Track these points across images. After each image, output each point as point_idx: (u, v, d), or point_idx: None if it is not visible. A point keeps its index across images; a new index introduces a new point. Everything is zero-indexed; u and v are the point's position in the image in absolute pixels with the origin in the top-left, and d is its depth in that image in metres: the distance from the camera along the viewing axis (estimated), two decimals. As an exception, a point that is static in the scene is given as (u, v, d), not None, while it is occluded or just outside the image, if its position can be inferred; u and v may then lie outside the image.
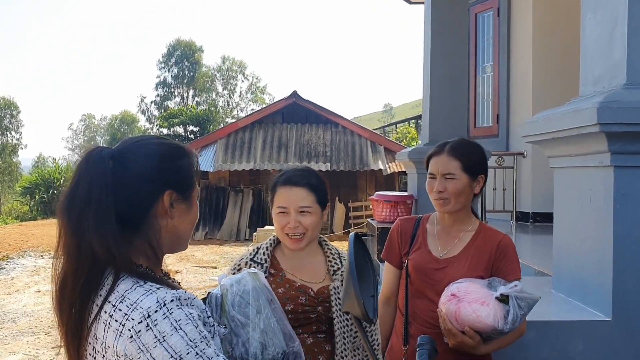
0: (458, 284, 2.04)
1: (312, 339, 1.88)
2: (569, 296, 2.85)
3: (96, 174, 1.25)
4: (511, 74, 7.78)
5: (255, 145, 18.38)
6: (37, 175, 28.05)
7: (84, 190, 1.24)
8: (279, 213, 1.95)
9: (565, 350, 2.55)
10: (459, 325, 1.98)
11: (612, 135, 2.43)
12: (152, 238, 1.30)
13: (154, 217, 1.30)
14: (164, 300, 1.18)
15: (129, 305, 1.18)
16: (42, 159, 54.30)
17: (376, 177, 18.21)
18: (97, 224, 1.21)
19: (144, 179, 1.29)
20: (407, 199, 6.33)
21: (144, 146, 1.35)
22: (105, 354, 1.20)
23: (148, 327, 1.15)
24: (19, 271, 11.35)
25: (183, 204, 1.35)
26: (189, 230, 1.39)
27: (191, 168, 1.39)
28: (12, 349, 6.40)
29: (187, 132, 35.66)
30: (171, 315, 1.17)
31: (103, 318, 1.20)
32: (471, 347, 1.99)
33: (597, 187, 2.61)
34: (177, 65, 47.03)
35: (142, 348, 1.15)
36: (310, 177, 1.98)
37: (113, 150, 1.33)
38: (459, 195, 2.19)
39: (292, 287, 1.92)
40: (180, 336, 1.16)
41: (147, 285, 1.23)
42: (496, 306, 1.93)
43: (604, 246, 2.53)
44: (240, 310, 1.37)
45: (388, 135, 27.53)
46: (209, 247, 15.10)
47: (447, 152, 2.22)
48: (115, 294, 1.21)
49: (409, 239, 2.34)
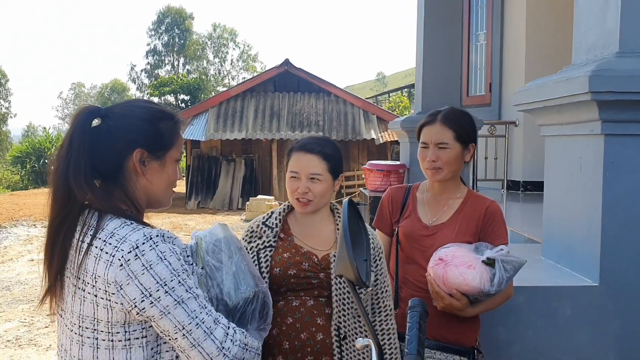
0: (445, 249, 2.08)
1: (313, 302, 1.93)
2: (558, 262, 2.91)
3: (78, 128, 1.39)
4: (504, 42, 7.74)
5: (247, 114, 18.28)
6: (27, 145, 27.87)
7: (66, 144, 1.38)
8: (291, 178, 1.99)
9: (554, 314, 2.61)
10: (447, 288, 2.03)
11: (603, 103, 2.44)
12: (128, 190, 1.43)
13: (127, 171, 1.43)
14: (150, 235, 1.32)
15: (119, 239, 1.31)
16: (32, 128, 53.87)
17: (368, 147, 18.23)
18: (75, 173, 1.36)
19: (118, 137, 1.42)
20: (399, 168, 6.35)
21: (129, 107, 1.49)
22: (95, 283, 1.31)
23: (136, 256, 1.29)
24: (12, 240, 11.36)
25: (155, 163, 1.45)
26: (164, 187, 1.50)
27: (170, 130, 1.49)
28: (8, 316, 6.46)
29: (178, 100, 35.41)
30: (157, 247, 1.31)
31: (93, 253, 1.32)
32: (459, 309, 2.05)
33: (587, 156, 2.64)
34: (168, 32, 46.42)
35: (131, 275, 1.28)
36: (325, 146, 2.01)
37: (101, 109, 1.45)
38: (452, 164, 2.22)
39: (298, 252, 1.97)
40: (165, 265, 1.30)
41: (134, 224, 1.36)
42: (482, 269, 1.98)
43: (593, 213, 2.57)
44: (214, 256, 1.50)
45: (381, 104, 27.43)
46: (201, 217, 15.14)
47: (440, 121, 2.23)
48: (104, 231, 1.34)
49: (400, 207, 2.38)
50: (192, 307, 1.32)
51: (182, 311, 1.30)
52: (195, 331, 1.31)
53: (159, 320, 1.30)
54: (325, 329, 1.90)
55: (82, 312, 1.34)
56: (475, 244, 2.11)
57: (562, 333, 2.60)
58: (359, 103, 18.85)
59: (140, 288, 1.28)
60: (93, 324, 1.33)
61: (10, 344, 5.57)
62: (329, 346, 1.89)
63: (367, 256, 1.01)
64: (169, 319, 1.30)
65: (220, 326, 1.35)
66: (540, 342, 2.61)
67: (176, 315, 1.30)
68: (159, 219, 13.36)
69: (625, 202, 2.51)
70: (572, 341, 2.60)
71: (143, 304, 1.28)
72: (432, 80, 6.18)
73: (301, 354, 1.88)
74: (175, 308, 1.30)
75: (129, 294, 1.28)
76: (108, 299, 1.30)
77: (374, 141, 17.78)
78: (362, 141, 17.97)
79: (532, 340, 2.61)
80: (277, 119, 18.23)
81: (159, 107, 1.53)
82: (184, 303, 1.31)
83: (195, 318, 1.31)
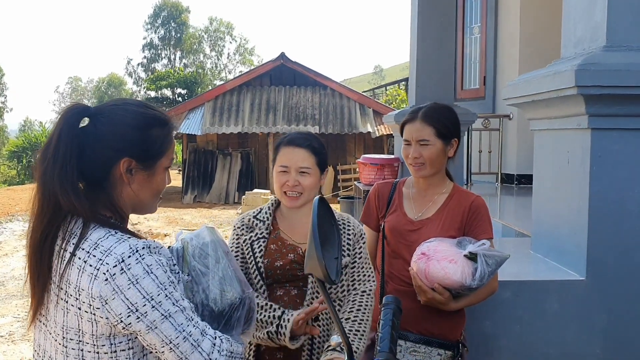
0: (428, 243, 2.09)
1: (297, 291, 2.01)
2: (546, 256, 2.91)
3: (65, 131, 1.33)
4: (498, 35, 7.72)
5: (243, 108, 18.24)
6: (24, 139, 27.80)
7: (52, 145, 1.32)
8: (280, 172, 2.03)
9: (541, 308, 2.61)
10: (429, 282, 2.04)
11: (589, 97, 2.44)
12: (113, 197, 1.38)
13: (113, 178, 1.38)
14: (136, 247, 1.28)
15: (103, 251, 1.27)
16: (28, 123, 53.73)
17: (365, 140, 18.21)
18: (61, 178, 1.30)
19: (105, 144, 1.36)
20: (394, 162, 6.34)
21: (119, 111, 1.40)
22: (79, 296, 1.27)
23: (122, 270, 1.25)
24: (7, 235, 11.35)
25: (143, 172, 1.40)
26: (150, 197, 1.45)
27: (161, 138, 1.42)
28: (1, 311, 6.46)
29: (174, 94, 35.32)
30: (143, 260, 1.27)
31: (77, 264, 1.28)
32: (441, 303, 2.06)
33: (574, 149, 2.63)
34: (164, 26, 46.30)
35: (117, 289, 1.24)
36: (313, 140, 2.06)
37: (90, 109, 1.39)
38: (434, 160, 2.23)
39: (284, 245, 2.03)
40: (151, 279, 1.26)
41: (119, 234, 1.31)
42: (464, 263, 1.99)
43: (580, 207, 2.57)
44: (200, 261, 1.47)
45: (378, 97, 27.38)
46: (197, 211, 15.14)
47: (420, 118, 2.24)
48: (88, 242, 1.29)
49: (386, 203, 2.39)
50: (179, 320, 1.29)
51: (169, 325, 1.28)
52: (182, 344, 1.29)
53: (146, 334, 1.28)
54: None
55: (66, 323, 1.31)
56: (458, 239, 2.12)
57: (549, 327, 2.61)
58: (355, 96, 18.82)
59: (126, 303, 1.25)
60: (78, 335, 1.30)
61: (4, 339, 5.58)
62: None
63: (338, 254, 1.01)
64: (156, 334, 1.27)
65: (207, 337, 1.33)
66: (527, 336, 2.61)
67: (163, 330, 1.28)
68: (155, 214, 13.34)
69: (612, 195, 2.51)
70: (559, 335, 2.61)
71: (129, 319, 1.25)
72: (426, 73, 6.14)
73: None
74: (162, 322, 1.27)
75: (114, 309, 1.25)
76: (93, 312, 1.27)
77: (370, 134, 17.77)
78: (358, 134, 17.95)
79: (518, 334, 2.61)
80: (274, 112, 18.20)
81: (152, 112, 1.44)
82: (171, 317, 1.29)
83: (182, 332, 1.29)
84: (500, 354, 2.63)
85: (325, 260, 0.95)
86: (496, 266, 2.03)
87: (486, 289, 2.13)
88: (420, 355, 2.15)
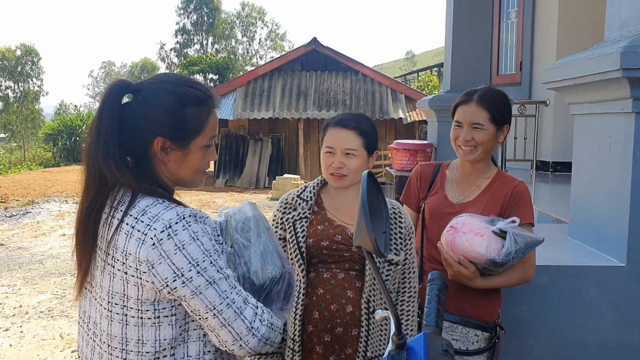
0: (458, 218, 2.08)
1: (344, 274, 1.96)
2: (584, 242, 2.87)
3: (108, 107, 1.37)
4: (536, 20, 7.57)
5: (275, 93, 18.29)
6: (59, 122, 28.37)
7: (96, 121, 1.38)
8: (326, 153, 2.00)
9: (578, 294, 2.58)
10: (455, 254, 2.04)
11: (635, 81, 2.38)
12: (154, 173, 1.42)
13: (151, 156, 1.41)
14: (183, 214, 1.31)
15: (151, 217, 1.31)
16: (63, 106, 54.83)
17: (396, 126, 18.11)
18: (103, 151, 1.35)
19: (141, 123, 1.39)
20: (427, 147, 6.30)
21: (155, 90, 1.42)
22: (126, 261, 1.31)
23: (169, 236, 1.28)
24: (45, 215, 11.64)
25: (178, 151, 1.42)
26: (189, 174, 1.47)
27: (197, 118, 1.42)
28: (41, 288, 6.65)
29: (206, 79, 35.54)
30: (189, 227, 1.30)
31: (124, 229, 1.32)
32: (467, 278, 2.05)
33: (617, 134, 2.58)
34: (196, 11, 46.52)
35: (163, 254, 1.28)
36: (362, 122, 2.01)
37: (132, 85, 1.42)
38: (485, 145, 2.21)
39: (331, 225, 2.00)
40: (197, 245, 1.30)
41: (166, 202, 1.35)
42: (491, 238, 1.97)
43: (622, 193, 2.53)
44: (242, 235, 1.49)
45: (410, 83, 27.17)
46: (229, 194, 15.29)
47: (475, 101, 2.21)
48: (136, 208, 1.33)
49: (428, 184, 2.38)
50: (223, 287, 1.32)
51: (213, 291, 1.31)
52: (225, 311, 1.32)
53: (190, 300, 1.31)
54: (355, 301, 1.93)
55: (112, 288, 1.34)
56: (491, 217, 2.10)
57: (586, 313, 2.58)
58: (387, 82, 18.70)
59: (172, 268, 1.28)
60: (122, 300, 1.33)
61: (44, 315, 5.75)
62: (358, 319, 1.92)
63: (386, 228, 1.02)
64: (200, 299, 1.30)
65: (250, 306, 1.36)
66: (563, 322, 2.59)
67: (207, 296, 1.30)
68: (188, 197, 13.53)
69: (655, 181, 2.46)
70: (597, 322, 2.58)
71: (175, 283, 1.28)
72: (461, 58, 6.08)
73: (331, 324, 1.91)
74: (206, 288, 1.30)
75: (160, 273, 1.28)
76: (139, 277, 1.30)
77: (402, 120, 17.65)
78: (389, 120, 17.85)
79: (555, 319, 2.59)
80: (304, 98, 18.21)
81: (189, 90, 1.43)
82: (215, 283, 1.31)
83: (226, 298, 1.32)
84: (535, 339, 2.62)
85: (374, 233, 0.96)
86: (526, 246, 1.99)
87: (519, 273, 2.12)
88: (457, 335, 2.15)
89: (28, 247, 8.86)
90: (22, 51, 45.21)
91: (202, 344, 1.39)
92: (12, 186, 15.92)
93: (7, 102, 44.05)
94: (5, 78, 44.33)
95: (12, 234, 9.86)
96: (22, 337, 5.18)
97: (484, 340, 2.18)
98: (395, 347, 0.99)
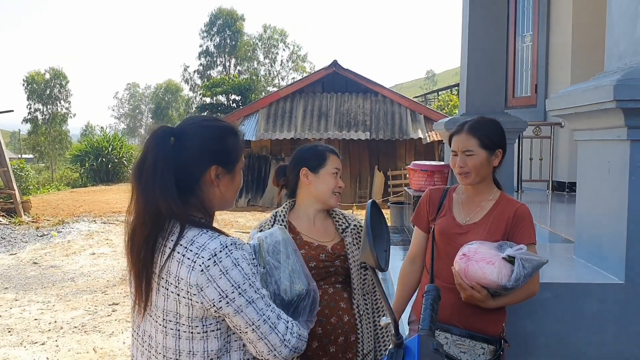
0: (469, 245, 2.27)
1: (333, 289, 2.25)
2: (588, 261, 3.04)
3: (161, 150, 1.59)
4: (550, 43, 7.75)
5: (296, 114, 18.63)
6: (86, 144, 28.95)
7: (150, 162, 1.57)
8: (333, 174, 2.32)
9: (580, 310, 2.75)
10: (468, 281, 2.22)
11: (628, 111, 2.57)
12: (204, 199, 1.64)
13: (204, 184, 1.64)
14: (226, 243, 1.53)
15: (199, 247, 1.52)
16: (90, 127, 56.04)
17: (416, 146, 18.27)
18: (162, 189, 1.55)
19: (196, 156, 1.62)
20: (444, 169, 6.45)
21: (198, 128, 1.67)
22: (178, 284, 1.53)
23: (215, 263, 1.49)
24: (74, 235, 12.01)
25: (228, 175, 1.67)
26: (233, 195, 1.73)
27: (236, 145, 1.69)
28: (74, 305, 6.95)
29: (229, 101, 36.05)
30: (231, 254, 1.52)
31: (176, 257, 1.54)
32: (480, 301, 2.24)
33: (615, 160, 2.77)
34: (219, 34, 47.36)
35: (210, 279, 1.49)
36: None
37: (174, 129, 1.66)
38: (479, 169, 2.41)
39: (311, 247, 2.26)
40: (238, 270, 1.51)
41: (210, 232, 1.57)
42: (501, 265, 2.16)
43: (620, 214, 2.70)
44: (273, 256, 1.72)
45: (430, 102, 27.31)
46: (251, 214, 15.56)
47: (465, 131, 2.44)
48: (185, 238, 1.55)
49: (437, 207, 2.58)
50: (260, 305, 1.52)
51: (252, 309, 1.51)
52: (262, 326, 1.52)
53: (233, 317, 1.52)
54: (348, 310, 2.23)
55: (166, 307, 1.57)
56: (499, 242, 2.29)
57: (588, 328, 2.75)
58: (406, 103, 18.93)
59: (218, 290, 1.48)
60: (176, 317, 1.56)
61: (77, 330, 6.02)
62: (354, 325, 2.21)
63: (387, 247, 1.23)
64: (242, 316, 1.51)
65: (282, 321, 1.57)
66: (566, 336, 2.76)
67: (247, 313, 1.51)
68: (211, 216, 13.78)
69: (650, 204, 2.64)
70: (598, 336, 2.74)
71: (220, 303, 1.49)
72: (477, 81, 6.18)
73: (334, 336, 2.18)
74: (247, 307, 1.50)
75: (208, 295, 1.49)
76: (190, 298, 1.51)
77: (421, 141, 17.83)
78: (409, 141, 18.04)
79: (558, 333, 2.76)
80: (325, 119, 18.51)
81: (224, 124, 1.69)
82: (254, 302, 1.51)
83: (262, 315, 1.52)
84: (540, 352, 2.78)
85: (376, 251, 1.18)
86: (532, 269, 2.18)
87: (525, 290, 2.30)
88: (464, 347, 2.33)
89: (60, 265, 9.21)
90: (50, 75, 46.48)
91: (242, 353, 1.61)
92: (42, 206, 16.41)
93: (35, 124, 45.23)
94: (34, 101, 45.58)
95: (45, 252, 10.24)
96: (57, 350, 5.46)
97: (489, 352, 2.36)
98: (394, 346, 1.20)
